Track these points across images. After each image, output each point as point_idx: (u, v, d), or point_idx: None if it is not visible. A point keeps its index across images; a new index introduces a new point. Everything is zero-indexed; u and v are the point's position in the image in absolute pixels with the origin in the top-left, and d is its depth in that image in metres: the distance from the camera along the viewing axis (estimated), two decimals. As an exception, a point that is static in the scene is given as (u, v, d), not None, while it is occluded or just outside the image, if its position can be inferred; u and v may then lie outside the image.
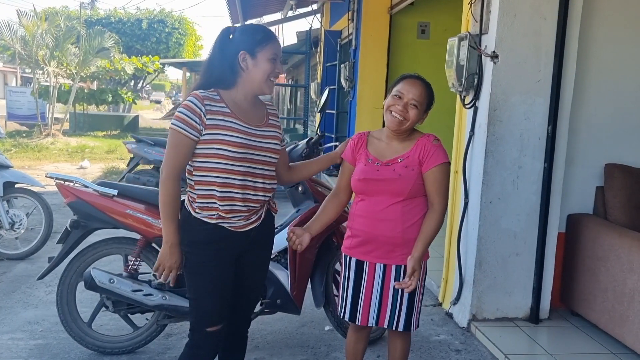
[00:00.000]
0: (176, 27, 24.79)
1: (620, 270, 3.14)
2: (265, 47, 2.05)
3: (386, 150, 2.28)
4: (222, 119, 2.01)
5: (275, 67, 2.07)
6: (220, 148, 2.00)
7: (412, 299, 2.28)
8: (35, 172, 8.86)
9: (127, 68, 18.49)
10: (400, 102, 2.20)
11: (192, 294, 2.15)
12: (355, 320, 2.34)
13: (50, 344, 3.14)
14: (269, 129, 2.15)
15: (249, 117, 2.08)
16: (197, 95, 2.01)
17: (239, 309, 2.28)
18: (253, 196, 2.09)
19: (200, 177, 2.04)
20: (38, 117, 15.43)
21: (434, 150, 2.22)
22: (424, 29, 7.51)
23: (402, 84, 2.24)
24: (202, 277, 2.09)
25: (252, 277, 2.25)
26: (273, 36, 2.10)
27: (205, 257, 2.08)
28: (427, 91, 2.25)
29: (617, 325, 3.16)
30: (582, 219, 3.58)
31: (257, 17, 12.63)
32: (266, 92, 2.10)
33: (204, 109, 1.99)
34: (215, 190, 2.02)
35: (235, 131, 2.01)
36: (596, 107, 3.59)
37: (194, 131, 1.99)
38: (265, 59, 2.05)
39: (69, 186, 2.96)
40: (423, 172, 2.21)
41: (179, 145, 2.00)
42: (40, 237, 4.71)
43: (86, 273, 2.89)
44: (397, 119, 2.20)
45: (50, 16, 16.10)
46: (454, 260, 3.71)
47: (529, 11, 3.30)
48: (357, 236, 2.28)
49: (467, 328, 3.52)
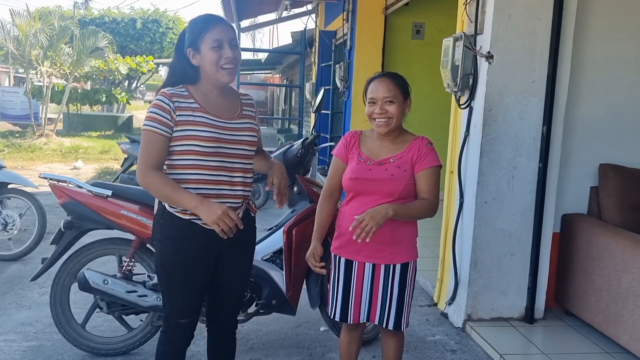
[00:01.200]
0: (170, 27, 24.71)
1: (615, 270, 3.15)
2: (204, 37, 1.98)
3: (379, 150, 2.28)
4: (191, 114, 1.98)
5: (222, 53, 1.98)
6: (192, 144, 1.97)
7: (402, 297, 2.28)
8: (28, 173, 8.81)
9: (121, 68, 18.43)
10: (375, 106, 2.21)
11: (164, 288, 2.14)
12: (346, 319, 2.34)
13: (44, 345, 3.11)
14: (243, 120, 2.11)
15: (219, 110, 2.05)
16: (165, 93, 1.99)
17: (223, 310, 2.26)
18: (230, 191, 2.05)
19: (175, 175, 2.01)
20: (31, 117, 15.36)
21: (427, 152, 2.23)
22: (418, 29, 7.53)
23: (370, 90, 2.26)
24: (175, 273, 2.07)
25: (232, 278, 2.21)
26: (212, 22, 2.01)
27: (179, 254, 2.05)
28: (395, 81, 2.23)
29: (612, 324, 3.17)
30: (577, 219, 3.59)
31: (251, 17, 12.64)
32: (224, 80, 2.02)
33: (172, 105, 1.97)
34: (189, 188, 1.99)
35: (206, 125, 1.98)
36: (591, 107, 3.61)
37: (165, 127, 1.96)
38: (207, 49, 1.98)
39: (62, 187, 2.94)
40: (415, 173, 2.22)
41: (150, 143, 1.96)
42: (34, 238, 4.68)
43: (80, 274, 2.87)
44: (382, 122, 2.21)
45: (43, 16, 16.02)
46: (449, 260, 3.72)
47: (523, 12, 3.31)
48: (346, 235, 2.26)
49: (463, 328, 3.53)
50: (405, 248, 2.29)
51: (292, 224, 2.92)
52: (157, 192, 1.99)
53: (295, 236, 2.90)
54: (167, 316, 2.18)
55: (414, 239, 2.33)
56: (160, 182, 1.96)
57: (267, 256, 3.02)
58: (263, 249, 3.02)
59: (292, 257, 2.92)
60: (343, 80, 7.49)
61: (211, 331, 2.32)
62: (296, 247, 2.91)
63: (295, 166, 3.07)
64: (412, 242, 2.33)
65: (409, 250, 2.30)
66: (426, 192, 2.21)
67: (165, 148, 1.98)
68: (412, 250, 2.32)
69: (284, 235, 2.92)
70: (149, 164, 1.96)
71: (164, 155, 1.99)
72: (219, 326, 2.30)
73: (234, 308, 2.32)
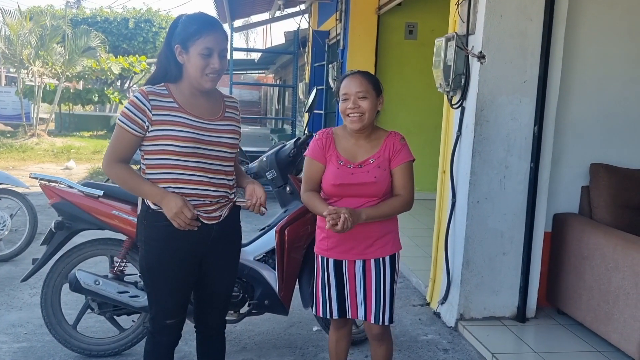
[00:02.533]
0: (163, 27, 24.57)
1: (606, 269, 3.17)
2: (197, 41, 1.94)
3: (356, 150, 2.28)
4: (169, 114, 1.96)
5: (209, 62, 1.95)
6: (169, 144, 1.95)
7: (392, 289, 2.32)
8: (19, 173, 8.75)
9: (114, 68, 18.31)
10: (348, 102, 2.23)
11: (150, 289, 2.13)
12: (345, 315, 2.35)
13: (35, 346, 3.09)
14: (224, 122, 2.08)
15: (200, 111, 2.02)
16: (143, 91, 1.98)
17: (210, 310, 2.26)
18: (213, 192, 2.04)
19: (153, 174, 2.01)
20: (23, 117, 15.25)
21: (402, 147, 2.28)
22: (411, 30, 7.55)
23: (342, 86, 2.27)
24: (160, 274, 2.07)
25: (219, 278, 2.20)
26: (209, 27, 1.95)
27: (164, 255, 2.04)
28: (367, 78, 2.26)
29: (603, 323, 3.19)
30: (568, 218, 3.61)
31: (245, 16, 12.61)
32: (206, 87, 2.00)
33: (149, 104, 1.95)
34: (169, 187, 1.98)
35: (184, 125, 1.96)
36: (582, 107, 3.63)
37: (136, 127, 1.95)
38: (196, 54, 1.94)
39: (53, 187, 2.92)
40: (392, 169, 2.26)
41: (120, 139, 1.98)
42: (25, 238, 4.65)
43: (71, 275, 2.86)
44: (355, 117, 2.22)
45: (35, 15, 15.93)
46: (442, 259, 3.73)
47: (515, 12, 3.32)
48: (334, 236, 2.26)
49: (455, 327, 3.54)
50: (392, 239, 2.34)
51: (284, 224, 2.92)
52: (123, 183, 2.02)
53: (287, 236, 2.90)
54: (153, 317, 2.17)
55: (397, 229, 2.38)
56: (125, 175, 1.99)
57: (260, 256, 3.01)
58: (255, 249, 3.01)
59: (284, 257, 2.91)
60: (336, 80, 7.48)
61: (199, 331, 2.32)
62: (288, 247, 2.90)
63: (288, 166, 3.07)
64: (397, 232, 2.37)
65: (395, 242, 2.35)
66: (401, 188, 2.26)
67: (133, 146, 2.00)
68: (397, 241, 2.37)
69: (276, 235, 2.91)
70: (115, 157, 2.00)
71: (131, 152, 2.01)
72: (207, 326, 2.29)
73: (222, 308, 2.31)
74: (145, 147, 2.00)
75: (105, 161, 2.01)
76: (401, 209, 2.26)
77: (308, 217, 2.93)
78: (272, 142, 12.64)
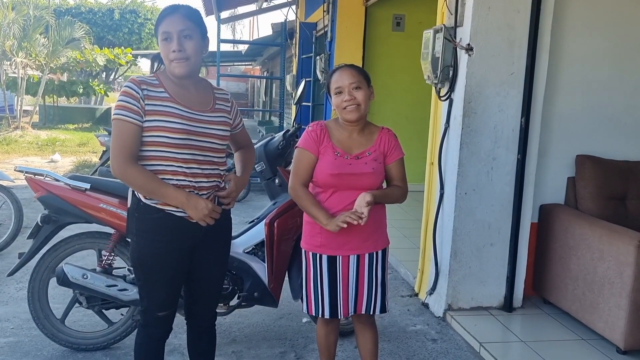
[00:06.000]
0: (149, 18, 24.32)
1: (591, 258, 3.22)
2: (158, 30, 1.99)
3: (351, 143, 2.29)
4: (161, 104, 1.95)
5: (170, 47, 1.95)
6: (161, 135, 1.94)
7: (384, 281, 2.35)
8: (3, 166, 8.63)
9: (99, 59, 18.09)
10: (343, 94, 2.24)
11: (141, 282, 2.12)
12: (337, 315, 2.34)
13: (22, 341, 3.07)
14: (215, 114, 2.08)
15: (191, 102, 2.02)
16: (134, 80, 1.97)
17: (201, 303, 2.25)
18: (207, 183, 2.05)
19: (147, 166, 1.98)
20: (6, 109, 15.01)
21: (396, 143, 2.35)
22: (399, 22, 7.55)
23: (334, 80, 2.28)
24: (152, 267, 2.06)
25: (209, 270, 2.20)
26: (165, 13, 1.98)
27: (155, 247, 2.03)
28: (357, 69, 2.29)
29: (588, 312, 3.24)
30: (554, 209, 3.66)
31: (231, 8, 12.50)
32: (175, 72, 1.98)
33: (141, 93, 1.93)
34: (166, 179, 1.97)
35: (175, 116, 1.95)
36: (568, 99, 3.66)
37: (136, 115, 1.92)
38: (160, 41, 1.99)
39: (39, 180, 2.88)
40: (387, 164, 2.32)
41: (123, 134, 1.91)
42: (10, 232, 4.59)
43: (58, 269, 2.83)
44: (352, 107, 2.22)
45: (17, 5, 15.62)
46: (430, 251, 3.75)
47: (503, 4, 3.33)
48: (328, 232, 2.22)
49: (443, 317, 3.57)
50: (383, 233, 2.39)
51: (273, 216, 2.92)
52: (141, 187, 1.96)
53: (277, 228, 2.90)
54: (144, 310, 2.16)
55: (386, 223, 2.43)
56: (144, 177, 1.93)
57: (249, 249, 3.01)
58: (245, 241, 3.01)
59: (274, 249, 2.91)
60: (324, 72, 7.47)
61: (190, 324, 2.31)
62: (278, 239, 2.91)
63: (277, 158, 3.07)
64: (386, 226, 2.43)
65: (385, 236, 2.40)
66: (399, 181, 2.35)
67: (138, 137, 1.94)
68: (386, 235, 2.42)
69: (265, 227, 2.91)
70: (125, 156, 1.92)
71: (138, 144, 1.95)
72: (198, 319, 2.29)
73: (212, 300, 2.31)
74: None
75: (117, 163, 1.91)
76: (400, 198, 2.34)
77: (297, 210, 2.92)
78: (259, 135, 12.60)
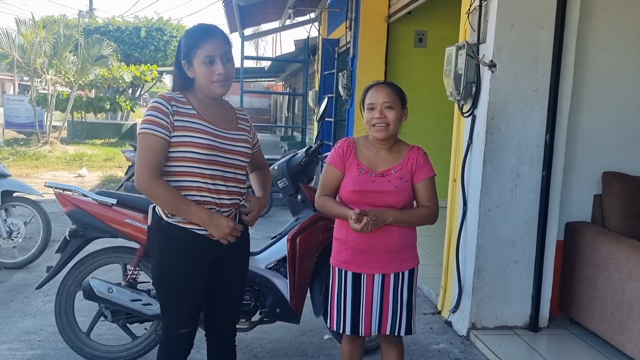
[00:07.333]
0: (174, 36, 24.79)
1: (619, 278, 3.14)
2: (197, 52, 1.97)
3: (377, 160, 2.28)
4: (189, 121, 1.98)
5: (214, 69, 1.98)
6: (189, 151, 1.97)
7: (411, 302, 2.31)
8: (33, 181, 8.85)
9: (125, 76, 18.49)
10: (375, 111, 2.23)
11: (162, 299, 2.14)
12: (358, 332, 2.33)
13: (48, 354, 3.12)
14: (238, 132, 2.12)
15: (216, 119, 2.05)
16: (164, 96, 1.99)
17: (221, 319, 2.26)
18: (228, 200, 2.06)
19: (173, 182, 2.00)
20: (36, 125, 15.42)
21: (425, 162, 2.29)
22: (421, 38, 7.56)
23: (368, 96, 2.28)
24: (173, 284, 2.08)
25: (228, 286, 2.21)
26: (205, 35, 1.99)
27: (177, 265, 2.05)
28: (393, 89, 2.27)
29: (617, 333, 3.16)
30: (581, 227, 3.59)
31: (255, 25, 12.69)
32: (218, 92, 2.03)
33: (171, 109, 1.97)
34: (190, 195, 1.99)
35: (202, 132, 1.98)
36: (593, 115, 3.61)
37: (165, 130, 1.94)
38: (199, 64, 1.98)
39: (67, 195, 2.96)
40: (415, 183, 2.27)
41: (150, 148, 1.93)
42: (38, 245, 4.70)
43: (85, 282, 2.88)
44: (381, 127, 2.22)
45: (48, 24, 16.13)
46: (453, 268, 3.71)
47: (526, 21, 3.32)
48: (353, 248, 2.26)
49: (467, 336, 3.52)
50: (411, 254, 2.34)
51: (296, 232, 2.93)
52: (164, 202, 1.98)
53: (299, 244, 2.91)
54: (166, 327, 2.18)
55: (416, 243, 2.38)
56: (168, 193, 1.95)
57: (271, 264, 3.02)
58: (267, 257, 3.02)
59: (296, 265, 2.92)
60: (346, 88, 7.51)
61: (210, 340, 2.32)
62: (300, 255, 2.91)
63: (299, 174, 3.08)
64: (415, 247, 2.37)
65: (414, 256, 2.35)
66: (427, 201, 2.27)
67: (165, 152, 1.96)
68: (416, 255, 2.37)
69: (287, 243, 2.92)
70: (151, 170, 1.93)
71: (163, 159, 1.97)
72: (218, 335, 2.30)
73: (232, 316, 2.32)
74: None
75: (142, 177, 1.93)
76: (427, 220, 2.27)
77: (319, 226, 2.94)
78: (282, 150, 12.68)
